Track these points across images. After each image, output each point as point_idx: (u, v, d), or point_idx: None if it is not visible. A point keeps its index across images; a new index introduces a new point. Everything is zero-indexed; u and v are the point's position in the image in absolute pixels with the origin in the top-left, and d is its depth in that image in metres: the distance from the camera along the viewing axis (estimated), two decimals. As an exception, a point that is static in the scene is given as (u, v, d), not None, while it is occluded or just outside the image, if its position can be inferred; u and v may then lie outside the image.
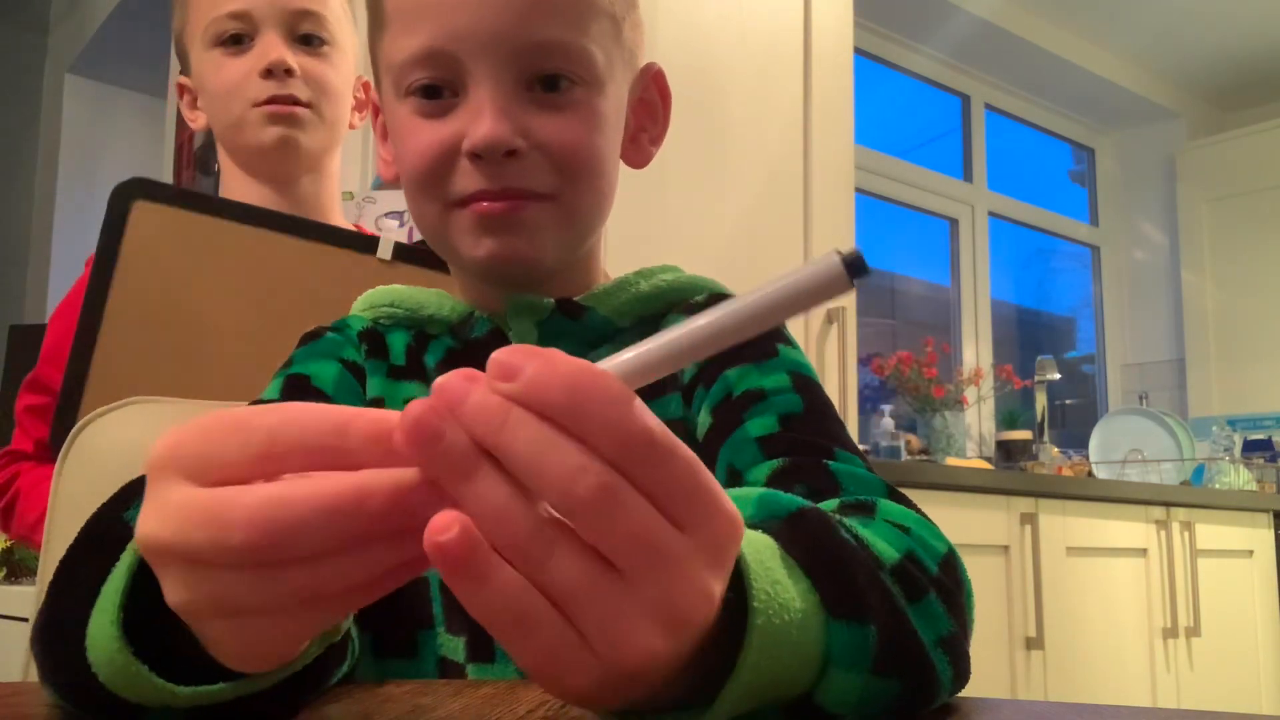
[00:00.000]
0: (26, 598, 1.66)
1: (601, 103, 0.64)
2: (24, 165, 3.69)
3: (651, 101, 0.72)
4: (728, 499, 0.30)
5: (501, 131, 0.60)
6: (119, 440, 0.85)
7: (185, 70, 1.15)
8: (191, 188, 2.73)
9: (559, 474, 0.28)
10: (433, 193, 0.64)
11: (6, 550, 1.98)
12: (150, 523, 0.31)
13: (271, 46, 1.06)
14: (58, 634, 0.40)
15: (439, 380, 0.29)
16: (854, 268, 0.29)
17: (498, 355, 0.29)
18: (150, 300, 0.94)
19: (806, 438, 0.58)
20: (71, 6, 3.69)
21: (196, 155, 2.74)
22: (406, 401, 0.66)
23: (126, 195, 0.93)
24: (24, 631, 0.82)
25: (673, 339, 0.30)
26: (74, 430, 0.86)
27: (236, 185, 1.14)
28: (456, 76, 0.62)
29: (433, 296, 0.70)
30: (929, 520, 0.49)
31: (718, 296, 0.69)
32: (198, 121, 1.14)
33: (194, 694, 0.36)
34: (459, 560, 0.28)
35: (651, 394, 0.32)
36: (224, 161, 1.15)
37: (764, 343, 0.64)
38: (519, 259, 0.63)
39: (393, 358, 0.69)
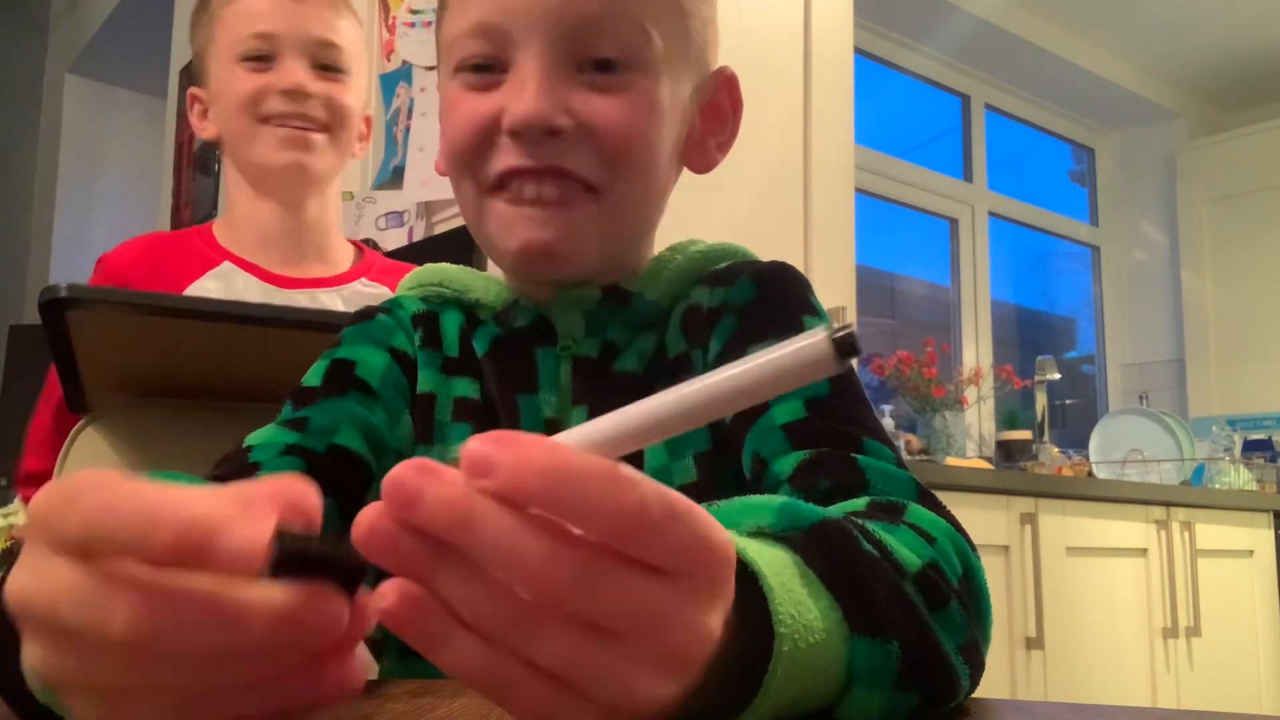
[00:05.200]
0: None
1: (657, 91, 0.60)
2: (24, 165, 3.69)
3: (721, 106, 0.69)
4: (718, 530, 0.29)
5: (543, 107, 0.57)
6: (119, 440, 0.85)
7: (200, 84, 1.20)
8: (192, 188, 2.73)
9: (529, 565, 0.26)
10: (470, 171, 0.62)
11: (6, 550, 1.98)
12: (23, 580, 0.28)
13: (293, 70, 1.12)
14: None
15: (390, 476, 0.27)
16: (844, 348, 0.28)
17: (470, 447, 0.27)
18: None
19: (834, 425, 0.55)
20: (71, 6, 3.69)
21: (196, 155, 2.74)
22: (456, 401, 0.64)
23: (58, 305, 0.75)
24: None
25: (647, 411, 0.29)
26: (74, 430, 0.86)
27: (242, 200, 1.17)
28: (505, 52, 0.59)
29: (480, 280, 0.68)
30: (957, 528, 0.48)
31: (740, 265, 0.67)
32: (207, 131, 1.19)
33: None
34: (404, 627, 0.27)
35: (671, 378, 0.31)
36: (230, 175, 1.18)
37: (789, 317, 0.61)
38: (553, 252, 0.60)
39: (446, 347, 0.66)
